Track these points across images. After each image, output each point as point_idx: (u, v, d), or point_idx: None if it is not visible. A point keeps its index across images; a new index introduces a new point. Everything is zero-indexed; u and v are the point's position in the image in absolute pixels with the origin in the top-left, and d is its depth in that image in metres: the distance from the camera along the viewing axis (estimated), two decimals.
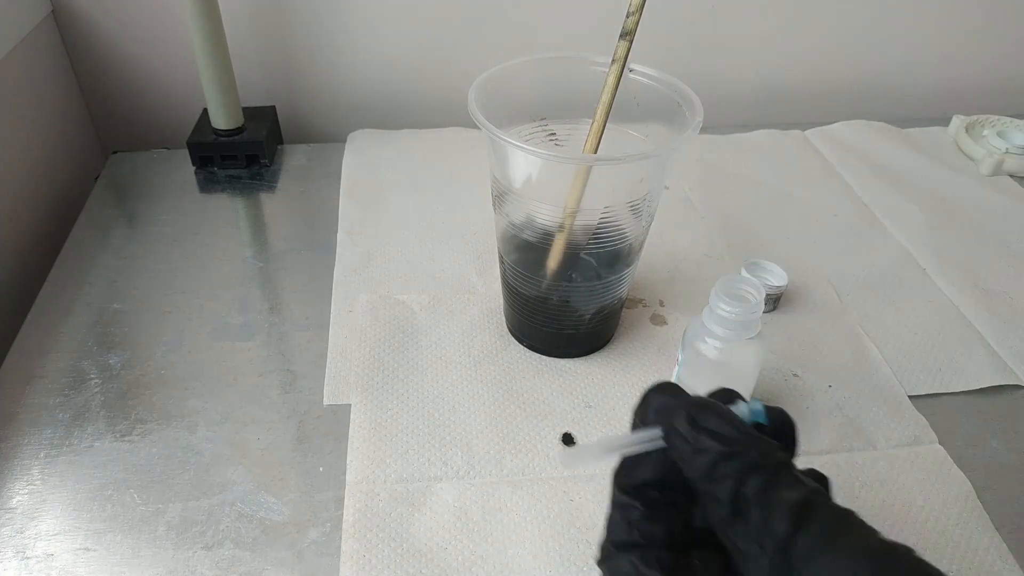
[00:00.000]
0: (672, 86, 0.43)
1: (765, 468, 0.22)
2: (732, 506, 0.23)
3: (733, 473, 0.23)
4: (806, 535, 0.21)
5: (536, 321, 0.48)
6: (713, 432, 0.24)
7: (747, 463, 0.23)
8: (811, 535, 0.21)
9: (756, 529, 0.22)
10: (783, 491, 0.22)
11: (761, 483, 0.22)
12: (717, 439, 0.23)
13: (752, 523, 0.22)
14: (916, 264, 0.59)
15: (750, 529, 0.22)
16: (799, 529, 0.21)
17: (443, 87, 0.76)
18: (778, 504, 0.22)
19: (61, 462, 0.42)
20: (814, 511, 0.22)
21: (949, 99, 0.85)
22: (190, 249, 0.58)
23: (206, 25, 0.61)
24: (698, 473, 0.24)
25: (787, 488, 0.22)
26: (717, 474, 0.23)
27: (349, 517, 0.39)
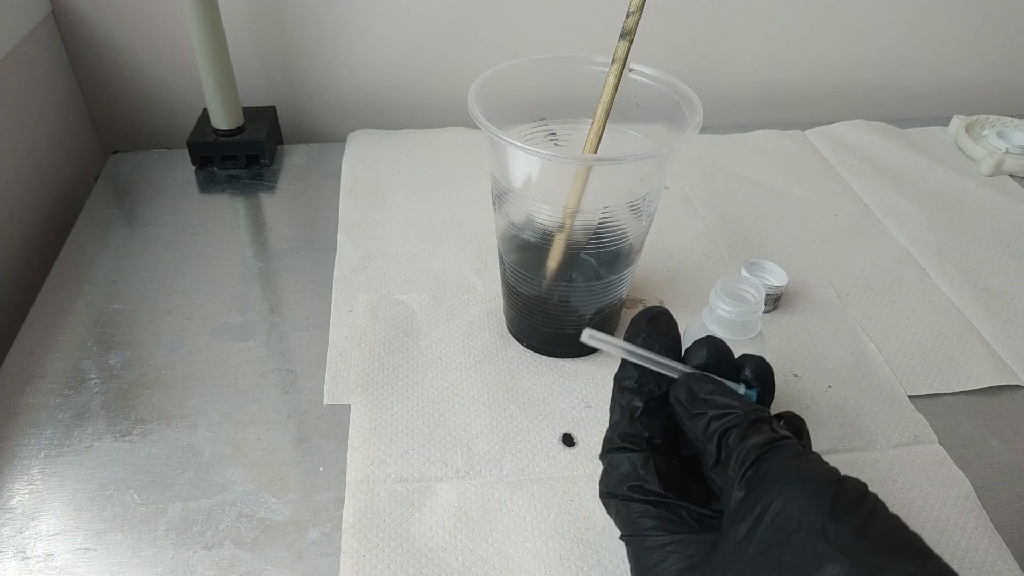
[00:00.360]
0: (672, 86, 0.43)
1: (743, 424, 0.28)
2: (717, 454, 0.28)
3: (719, 429, 0.28)
4: (764, 466, 0.26)
5: (536, 321, 0.48)
6: (706, 400, 0.29)
7: (730, 420, 0.28)
8: (771, 464, 0.26)
9: (732, 466, 0.27)
10: (756, 436, 0.27)
11: (739, 434, 0.27)
12: (709, 404, 0.29)
13: (730, 463, 0.27)
14: (916, 264, 0.59)
15: (729, 468, 0.27)
16: (762, 460, 0.26)
17: (443, 87, 0.76)
18: (750, 445, 0.27)
19: (61, 462, 0.42)
20: (778, 448, 0.26)
21: (949, 99, 0.85)
22: (190, 249, 0.58)
23: (206, 25, 0.61)
24: (695, 432, 0.29)
25: (757, 435, 0.27)
26: (708, 431, 0.28)
27: (349, 517, 0.39)
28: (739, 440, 0.27)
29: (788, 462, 0.26)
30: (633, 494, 0.30)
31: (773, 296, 0.52)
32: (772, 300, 0.53)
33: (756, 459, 0.26)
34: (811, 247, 0.60)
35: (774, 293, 0.52)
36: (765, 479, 0.26)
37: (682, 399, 0.29)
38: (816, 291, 0.55)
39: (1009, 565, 0.38)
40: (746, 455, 0.26)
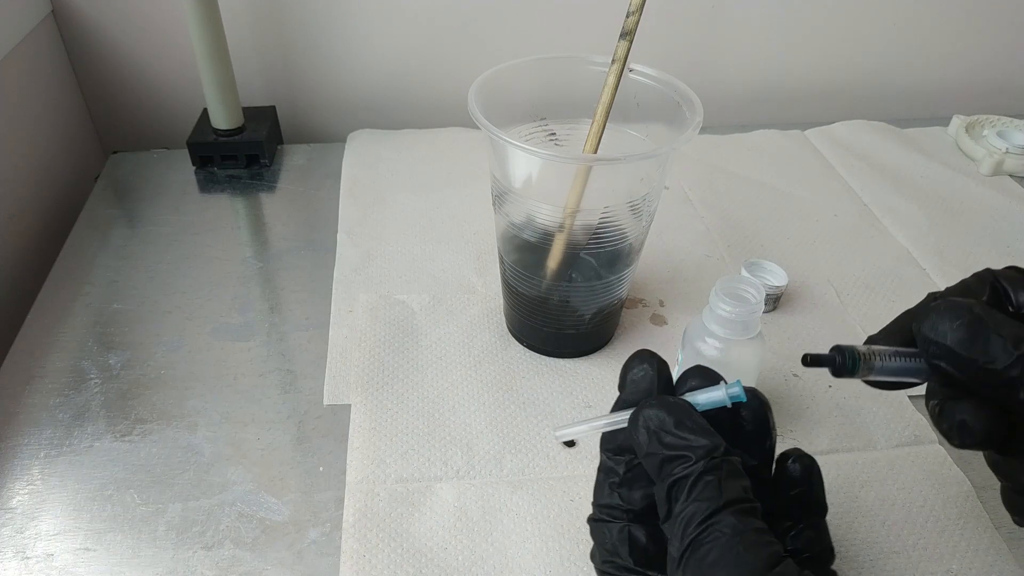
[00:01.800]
0: (672, 86, 0.43)
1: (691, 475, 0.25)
2: (667, 509, 0.25)
3: (667, 477, 0.25)
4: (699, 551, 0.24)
5: (536, 321, 0.48)
6: (658, 435, 0.26)
7: (682, 467, 0.25)
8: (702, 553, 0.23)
9: (674, 535, 0.25)
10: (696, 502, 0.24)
11: (683, 490, 0.25)
12: (662, 442, 0.26)
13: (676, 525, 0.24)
14: (916, 264, 0.59)
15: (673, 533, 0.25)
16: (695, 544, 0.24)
17: (443, 87, 0.76)
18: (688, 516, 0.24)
19: (61, 462, 0.42)
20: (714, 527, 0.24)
21: (949, 99, 0.85)
22: (190, 249, 0.58)
23: (206, 25, 0.61)
24: (651, 473, 0.26)
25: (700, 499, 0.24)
26: (661, 475, 0.26)
27: (349, 517, 0.39)
28: (684, 500, 0.24)
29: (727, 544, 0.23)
30: (607, 569, 0.28)
31: (773, 296, 0.52)
32: (772, 300, 0.53)
33: (695, 537, 0.24)
34: (811, 247, 0.60)
35: (774, 293, 0.52)
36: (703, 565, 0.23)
37: (637, 433, 0.27)
38: (816, 291, 0.55)
39: (1009, 565, 0.38)
40: (685, 528, 0.24)
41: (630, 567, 0.28)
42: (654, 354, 0.29)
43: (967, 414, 0.27)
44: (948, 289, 0.30)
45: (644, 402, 0.27)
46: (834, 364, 0.28)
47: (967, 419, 0.27)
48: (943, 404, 0.28)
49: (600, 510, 0.29)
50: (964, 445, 0.28)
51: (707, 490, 0.24)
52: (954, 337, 0.25)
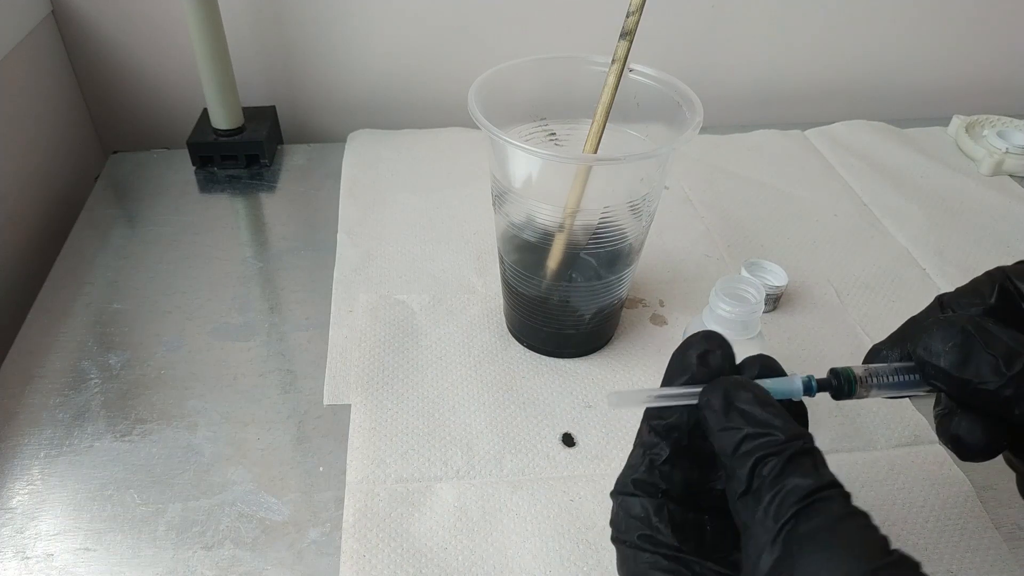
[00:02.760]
0: (672, 86, 0.43)
1: (784, 452, 0.23)
2: (748, 483, 0.23)
3: (754, 452, 0.23)
4: (807, 525, 0.21)
5: (536, 321, 0.48)
6: (743, 412, 0.24)
7: (768, 444, 0.23)
8: (812, 527, 0.21)
9: (764, 508, 0.22)
10: (796, 477, 0.22)
11: (778, 465, 0.23)
12: (745, 418, 0.24)
13: (762, 502, 0.23)
14: (916, 264, 0.59)
15: (759, 508, 0.23)
16: (802, 518, 0.22)
17: (443, 87, 0.76)
18: (789, 489, 0.22)
19: (61, 462, 0.42)
20: (822, 503, 0.22)
21: (949, 99, 0.85)
22: (190, 249, 0.58)
23: (206, 25, 0.61)
24: (723, 448, 0.24)
25: (801, 475, 0.22)
26: (740, 451, 0.24)
27: (349, 517, 0.39)
28: (777, 475, 0.23)
29: (834, 528, 0.21)
30: (643, 544, 0.27)
31: (773, 296, 0.52)
32: (772, 300, 0.53)
33: (795, 513, 0.22)
34: (811, 247, 0.60)
35: (774, 293, 0.52)
36: (807, 544, 0.21)
37: (715, 405, 0.25)
38: (816, 291, 0.55)
39: (1009, 565, 0.38)
40: (783, 501, 0.22)
41: (670, 543, 0.26)
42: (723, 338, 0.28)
43: (962, 430, 0.27)
44: (958, 289, 0.30)
45: (723, 378, 0.26)
46: (831, 388, 0.28)
47: (962, 434, 0.27)
48: (942, 417, 0.28)
49: (635, 485, 0.28)
50: (964, 458, 0.28)
51: (804, 468, 0.23)
52: (947, 360, 0.26)
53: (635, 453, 0.28)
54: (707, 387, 0.26)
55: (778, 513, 0.22)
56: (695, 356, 0.27)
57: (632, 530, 0.27)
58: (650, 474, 0.27)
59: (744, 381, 0.26)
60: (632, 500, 0.27)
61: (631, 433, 0.44)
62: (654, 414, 0.28)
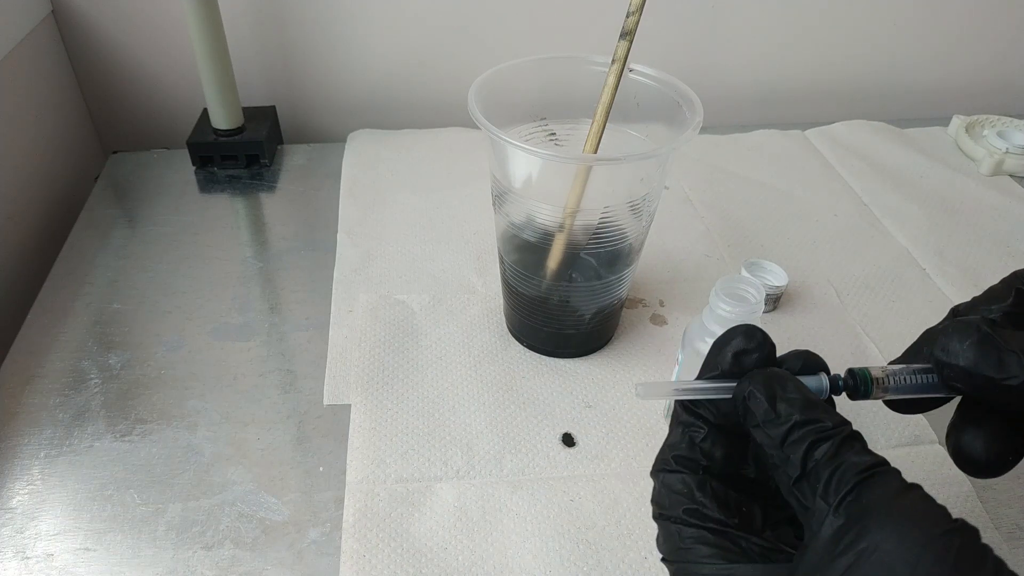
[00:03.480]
0: (672, 86, 0.43)
1: (835, 437, 0.23)
2: (803, 467, 0.23)
3: (807, 438, 0.24)
4: (870, 495, 0.22)
5: (536, 321, 0.48)
6: (791, 401, 0.25)
7: (820, 430, 0.24)
8: (878, 495, 0.22)
9: (824, 485, 0.23)
10: (853, 455, 0.23)
11: (832, 448, 0.23)
12: (793, 408, 0.24)
13: (821, 480, 0.23)
14: (916, 264, 0.59)
15: (818, 486, 0.23)
16: (863, 489, 0.22)
17: (443, 87, 0.76)
18: (848, 464, 0.23)
19: (61, 462, 0.42)
20: (882, 476, 0.22)
21: (949, 99, 0.85)
22: (190, 249, 0.58)
23: (206, 25, 0.61)
24: (772, 440, 0.25)
25: (857, 453, 0.23)
26: (791, 439, 0.24)
27: (349, 517, 0.39)
28: (832, 456, 0.23)
29: (897, 497, 0.22)
30: (689, 518, 0.26)
31: (773, 296, 0.52)
32: (772, 300, 0.53)
33: (856, 484, 0.22)
34: (811, 247, 0.60)
35: (774, 293, 0.52)
36: (870, 512, 0.22)
37: (759, 398, 0.25)
38: (816, 291, 0.55)
39: (1009, 565, 0.38)
40: (842, 476, 0.23)
41: (717, 517, 0.26)
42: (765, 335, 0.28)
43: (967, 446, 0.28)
44: (974, 299, 0.30)
45: (763, 371, 0.26)
46: (848, 388, 0.28)
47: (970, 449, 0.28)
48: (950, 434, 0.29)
49: (678, 461, 0.27)
50: (977, 475, 0.28)
51: (857, 449, 0.23)
52: (966, 357, 0.26)
53: (674, 432, 0.28)
54: (747, 378, 0.26)
55: (839, 487, 0.22)
56: (731, 355, 0.27)
57: (676, 505, 0.27)
58: (691, 451, 0.27)
59: (785, 374, 0.26)
60: (674, 476, 0.27)
61: (631, 433, 0.44)
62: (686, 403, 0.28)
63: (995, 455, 0.28)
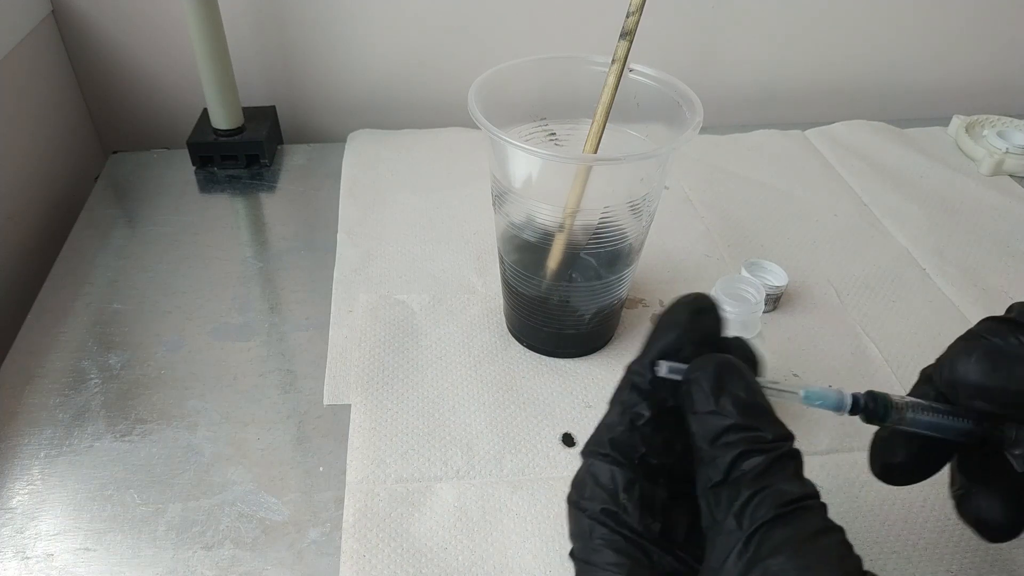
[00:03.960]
0: (672, 86, 0.43)
1: (771, 452, 0.22)
2: (726, 474, 0.22)
3: (739, 444, 0.22)
4: (785, 531, 0.20)
5: (536, 321, 0.48)
6: (735, 399, 0.23)
7: (756, 440, 0.22)
8: (790, 534, 0.20)
9: (742, 505, 0.21)
10: (781, 482, 0.21)
11: (763, 464, 0.22)
12: (736, 406, 0.23)
13: (740, 497, 0.21)
14: (916, 264, 0.59)
15: (735, 503, 0.21)
16: (779, 523, 0.21)
17: (443, 87, 0.76)
18: (773, 490, 0.21)
19: (61, 462, 0.42)
20: (803, 512, 0.21)
21: (949, 99, 0.85)
22: (190, 249, 0.58)
23: (206, 25, 0.61)
24: (705, 433, 0.23)
25: (786, 480, 0.21)
26: (723, 441, 0.22)
27: (349, 517, 0.39)
28: (760, 474, 0.21)
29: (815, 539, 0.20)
30: (605, 519, 0.24)
31: (773, 296, 0.52)
32: (772, 300, 0.53)
33: (776, 516, 0.21)
34: (811, 247, 0.60)
35: (774, 293, 0.52)
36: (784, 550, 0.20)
37: (704, 385, 0.23)
38: (816, 291, 0.55)
39: (1009, 565, 0.38)
40: (763, 502, 0.21)
41: (634, 525, 0.24)
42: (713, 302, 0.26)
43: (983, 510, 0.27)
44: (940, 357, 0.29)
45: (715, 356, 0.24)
46: (866, 410, 0.27)
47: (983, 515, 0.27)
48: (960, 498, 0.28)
49: (613, 446, 0.25)
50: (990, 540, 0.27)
51: (788, 472, 0.22)
52: (976, 371, 0.25)
53: (612, 411, 0.26)
54: (697, 361, 0.24)
55: (755, 514, 0.21)
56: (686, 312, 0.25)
57: (596, 500, 0.25)
58: (630, 435, 0.25)
59: (740, 365, 0.24)
60: (603, 466, 0.25)
61: None
62: (637, 369, 0.26)
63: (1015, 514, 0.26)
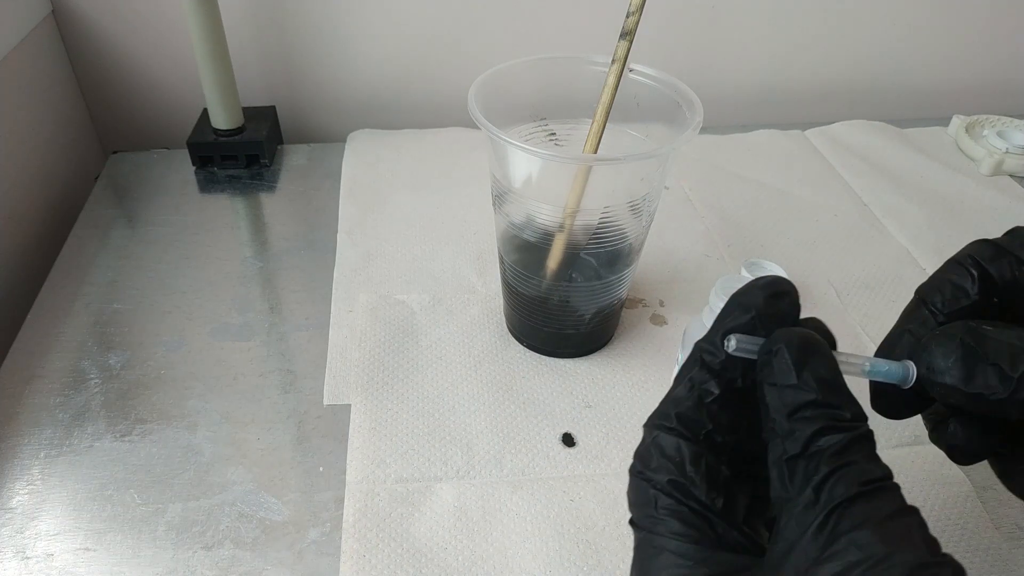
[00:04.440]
0: (672, 86, 0.43)
1: (851, 431, 0.22)
2: (803, 448, 0.22)
3: (820, 419, 0.22)
4: (866, 507, 0.21)
5: (536, 321, 0.48)
6: (817, 374, 0.23)
7: (836, 417, 0.22)
8: (870, 510, 0.21)
9: (820, 481, 0.21)
10: (861, 459, 0.21)
11: (843, 441, 0.22)
12: (818, 383, 0.23)
13: (819, 472, 0.21)
14: (916, 264, 0.59)
15: (815, 476, 0.21)
16: (859, 501, 0.21)
17: (443, 87, 0.76)
18: (854, 468, 0.21)
19: (61, 462, 0.42)
20: (882, 492, 0.21)
21: (949, 99, 0.85)
22: (190, 249, 0.58)
23: (206, 25, 0.61)
24: (783, 406, 0.23)
25: (865, 459, 0.21)
26: (802, 415, 0.22)
27: (349, 517, 0.39)
28: (839, 451, 0.21)
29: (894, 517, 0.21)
30: (673, 491, 0.24)
31: None
32: None
33: (857, 495, 0.21)
34: (811, 247, 0.60)
35: None
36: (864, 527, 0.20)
37: (788, 356, 0.23)
38: (816, 291, 0.55)
39: (1009, 565, 0.38)
40: (843, 478, 0.21)
41: (701, 498, 0.24)
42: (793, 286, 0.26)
43: (959, 439, 0.27)
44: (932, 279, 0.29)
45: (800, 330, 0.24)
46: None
47: (959, 443, 0.27)
48: (936, 424, 0.28)
49: (680, 420, 0.25)
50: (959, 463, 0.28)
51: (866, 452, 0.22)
52: (952, 376, 0.25)
53: (680, 387, 0.26)
54: (780, 332, 0.24)
55: (834, 490, 0.21)
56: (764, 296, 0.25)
57: (663, 471, 0.24)
58: (697, 411, 0.25)
59: (822, 343, 0.24)
60: (669, 438, 0.25)
61: (631, 433, 0.44)
62: (707, 346, 0.26)
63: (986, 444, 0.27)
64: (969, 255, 0.28)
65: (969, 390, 0.24)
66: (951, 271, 0.28)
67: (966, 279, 0.27)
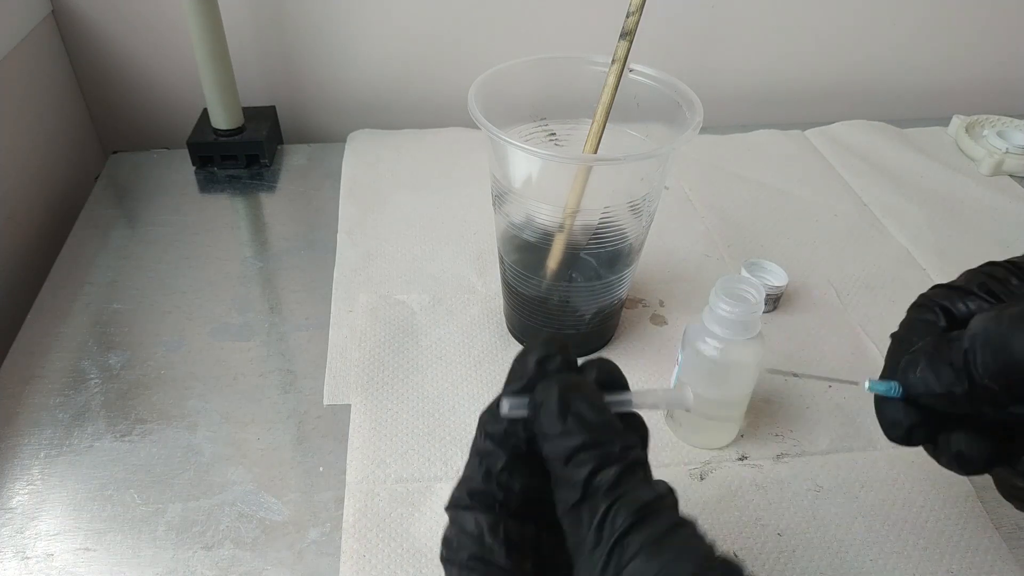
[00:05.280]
0: (672, 86, 0.43)
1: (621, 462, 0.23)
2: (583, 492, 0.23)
3: (590, 461, 0.23)
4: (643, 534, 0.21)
5: (536, 321, 0.48)
6: (580, 418, 0.23)
7: (605, 454, 0.23)
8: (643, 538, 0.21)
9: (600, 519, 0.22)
10: (633, 488, 0.22)
11: (615, 475, 0.22)
12: (583, 426, 0.23)
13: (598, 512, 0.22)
14: (916, 264, 0.59)
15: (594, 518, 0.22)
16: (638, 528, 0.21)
17: (443, 87, 0.76)
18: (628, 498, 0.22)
19: (61, 462, 0.42)
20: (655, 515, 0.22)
21: (949, 99, 0.85)
22: (190, 249, 0.58)
23: (206, 25, 0.61)
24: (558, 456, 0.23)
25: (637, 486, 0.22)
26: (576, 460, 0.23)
27: (349, 517, 0.39)
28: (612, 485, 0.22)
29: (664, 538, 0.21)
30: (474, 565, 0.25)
31: (773, 296, 0.52)
32: (772, 300, 0.53)
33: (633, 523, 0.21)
34: (811, 247, 0.60)
35: (774, 293, 0.52)
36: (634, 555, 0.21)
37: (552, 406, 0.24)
38: (816, 291, 0.55)
39: (1009, 565, 0.38)
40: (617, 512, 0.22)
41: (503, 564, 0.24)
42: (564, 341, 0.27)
43: (962, 445, 0.29)
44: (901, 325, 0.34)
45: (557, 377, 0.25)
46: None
47: (963, 450, 0.29)
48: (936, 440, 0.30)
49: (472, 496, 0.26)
50: (966, 473, 0.30)
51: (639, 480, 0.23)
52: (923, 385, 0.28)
53: (471, 463, 0.27)
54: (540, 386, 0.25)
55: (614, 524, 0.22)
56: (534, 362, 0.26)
57: (463, 548, 0.25)
58: (487, 483, 0.26)
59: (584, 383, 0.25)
60: (466, 514, 0.26)
61: None
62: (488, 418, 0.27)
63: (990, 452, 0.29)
64: (930, 298, 0.32)
65: (939, 391, 0.28)
66: (918, 313, 0.33)
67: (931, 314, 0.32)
